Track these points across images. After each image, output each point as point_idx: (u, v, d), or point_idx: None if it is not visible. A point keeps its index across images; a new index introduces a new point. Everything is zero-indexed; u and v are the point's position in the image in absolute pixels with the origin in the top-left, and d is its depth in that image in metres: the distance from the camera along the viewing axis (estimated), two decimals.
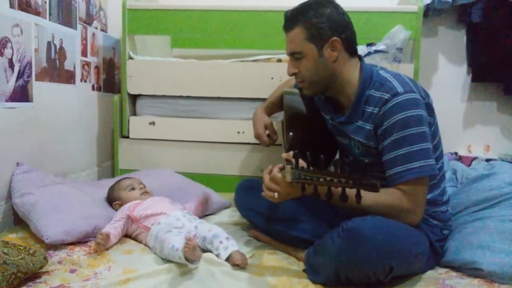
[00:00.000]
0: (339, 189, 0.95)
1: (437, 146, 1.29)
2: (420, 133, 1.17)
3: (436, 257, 1.32)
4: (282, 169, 1.14)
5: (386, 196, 1.17)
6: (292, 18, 1.30)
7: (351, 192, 0.93)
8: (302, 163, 1.04)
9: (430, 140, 1.20)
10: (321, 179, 0.94)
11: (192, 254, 1.19)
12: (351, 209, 1.16)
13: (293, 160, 1.03)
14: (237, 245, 1.34)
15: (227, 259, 1.28)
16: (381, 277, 1.10)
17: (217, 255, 1.31)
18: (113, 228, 1.42)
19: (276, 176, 1.14)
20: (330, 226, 1.25)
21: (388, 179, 1.20)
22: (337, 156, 1.55)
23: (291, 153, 1.08)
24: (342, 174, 0.92)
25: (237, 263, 1.26)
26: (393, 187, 1.19)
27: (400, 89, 1.21)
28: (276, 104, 1.72)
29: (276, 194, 1.14)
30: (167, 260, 1.30)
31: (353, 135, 1.32)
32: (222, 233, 1.37)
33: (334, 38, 1.26)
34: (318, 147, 1.47)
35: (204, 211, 1.73)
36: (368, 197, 1.12)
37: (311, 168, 0.99)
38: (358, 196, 0.92)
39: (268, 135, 1.66)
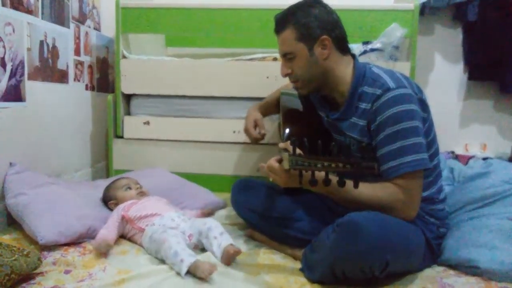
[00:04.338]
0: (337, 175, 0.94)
1: (432, 143, 1.30)
2: (412, 128, 1.18)
3: (433, 255, 1.32)
4: (279, 161, 1.14)
5: (381, 190, 1.18)
6: (282, 20, 1.33)
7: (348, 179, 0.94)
8: (299, 152, 1.04)
9: (423, 135, 1.21)
10: (319, 165, 0.94)
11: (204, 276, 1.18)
12: (347, 202, 1.17)
13: (290, 148, 1.02)
14: (230, 238, 1.33)
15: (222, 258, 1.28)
16: (377, 273, 1.10)
17: (213, 253, 1.30)
18: (110, 232, 1.41)
19: (273, 165, 1.14)
20: (326, 225, 1.25)
21: (383, 174, 1.21)
22: None
23: (289, 141, 1.07)
24: (340, 158, 0.92)
25: (228, 259, 1.27)
26: (388, 181, 1.20)
27: (392, 84, 1.22)
28: (273, 105, 1.72)
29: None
30: (162, 261, 1.29)
31: (348, 132, 1.33)
32: (217, 226, 1.36)
33: (324, 36, 1.28)
34: None
35: None
36: (365, 190, 1.14)
37: (308, 155, 0.98)
38: (356, 181, 0.92)
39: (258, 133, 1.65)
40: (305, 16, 1.29)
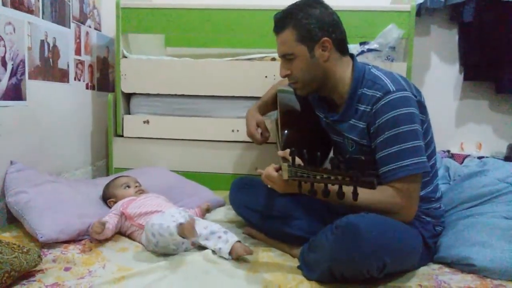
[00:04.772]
0: (336, 186, 0.95)
1: (430, 144, 1.30)
2: (411, 131, 1.18)
3: (429, 253, 1.33)
4: (277, 170, 1.14)
5: (379, 194, 1.18)
6: (281, 20, 1.30)
7: (347, 189, 0.94)
8: (298, 160, 1.04)
9: (422, 138, 1.21)
10: (318, 177, 0.94)
11: (188, 233, 1.23)
12: (346, 206, 1.16)
13: (290, 158, 1.03)
14: (236, 236, 1.35)
15: (230, 253, 1.29)
16: (375, 274, 1.11)
17: (218, 250, 1.31)
18: (108, 217, 1.43)
19: (271, 174, 1.15)
20: (324, 224, 1.26)
21: (381, 177, 1.21)
22: (331, 154, 1.56)
23: (288, 150, 1.08)
24: (339, 171, 0.92)
25: (241, 254, 1.28)
26: (386, 184, 1.20)
27: (392, 87, 1.21)
28: (270, 103, 1.72)
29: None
30: (162, 258, 1.30)
31: (347, 133, 1.33)
32: (220, 228, 1.37)
33: (325, 38, 1.27)
34: (313, 145, 1.47)
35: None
36: (363, 195, 1.13)
37: (307, 165, 0.99)
38: (355, 193, 0.91)
39: (261, 134, 1.67)
40: (305, 17, 1.26)
